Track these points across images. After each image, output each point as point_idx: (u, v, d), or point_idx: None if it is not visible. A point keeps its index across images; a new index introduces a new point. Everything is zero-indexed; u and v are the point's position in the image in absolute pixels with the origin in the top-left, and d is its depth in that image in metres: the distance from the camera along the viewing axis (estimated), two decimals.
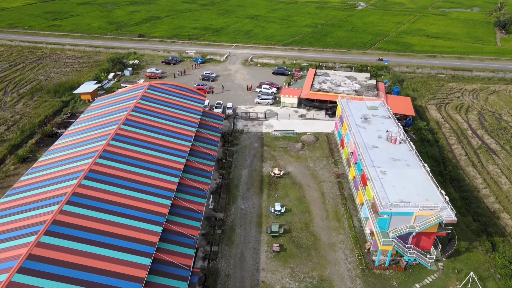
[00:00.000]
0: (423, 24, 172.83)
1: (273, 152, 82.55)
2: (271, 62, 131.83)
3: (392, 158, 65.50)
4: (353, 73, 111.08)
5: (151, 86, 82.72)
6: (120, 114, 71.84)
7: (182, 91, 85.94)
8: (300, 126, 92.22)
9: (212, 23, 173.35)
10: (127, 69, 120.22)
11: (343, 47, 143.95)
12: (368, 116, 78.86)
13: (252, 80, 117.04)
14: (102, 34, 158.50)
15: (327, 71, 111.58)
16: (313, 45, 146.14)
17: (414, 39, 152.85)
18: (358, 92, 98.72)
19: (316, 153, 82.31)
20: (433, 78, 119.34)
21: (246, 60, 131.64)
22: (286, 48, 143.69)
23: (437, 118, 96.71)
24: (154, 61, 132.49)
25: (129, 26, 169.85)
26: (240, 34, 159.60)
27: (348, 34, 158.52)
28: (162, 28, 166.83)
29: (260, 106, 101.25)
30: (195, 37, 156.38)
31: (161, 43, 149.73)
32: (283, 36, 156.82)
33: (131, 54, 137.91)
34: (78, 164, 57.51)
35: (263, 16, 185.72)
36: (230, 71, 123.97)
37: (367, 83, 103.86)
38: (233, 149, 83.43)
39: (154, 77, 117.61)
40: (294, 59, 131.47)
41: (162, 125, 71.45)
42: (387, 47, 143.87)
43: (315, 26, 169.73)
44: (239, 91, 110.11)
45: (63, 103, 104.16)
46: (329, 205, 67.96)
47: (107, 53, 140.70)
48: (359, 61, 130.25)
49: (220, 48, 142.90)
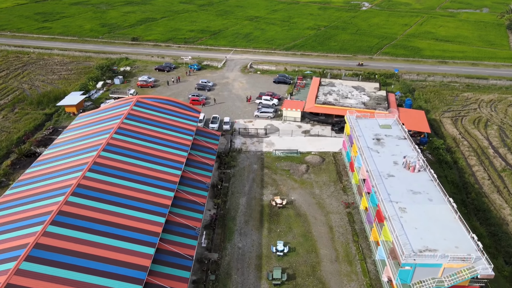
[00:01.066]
0: (432, 26, 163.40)
1: (275, 175, 73.66)
2: (271, 68, 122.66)
3: (412, 191, 56.61)
4: (361, 82, 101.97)
5: (138, 102, 73.70)
6: (101, 137, 62.95)
7: (174, 107, 76.92)
8: (304, 143, 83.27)
9: (209, 25, 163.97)
10: (118, 77, 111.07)
11: (348, 52, 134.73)
12: (381, 137, 69.86)
13: (252, 89, 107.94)
14: (94, 38, 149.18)
15: (332, 81, 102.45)
16: (316, 50, 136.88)
17: (423, 43, 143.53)
18: (367, 105, 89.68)
19: (323, 177, 73.38)
20: (446, 87, 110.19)
21: (245, 67, 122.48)
22: (287, 53, 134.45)
23: (453, 134, 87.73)
24: (147, 68, 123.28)
25: (122, 28, 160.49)
26: (239, 37, 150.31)
27: (353, 37, 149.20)
28: (157, 30, 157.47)
29: (260, 120, 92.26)
30: (192, 40, 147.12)
31: (155, 47, 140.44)
32: (284, 39, 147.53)
33: (123, 60, 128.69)
34: (43, 204, 49.13)
35: (263, 17, 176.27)
36: (228, 79, 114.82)
37: (377, 95, 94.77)
38: (230, 172, 74.52)
39: (146, 86, 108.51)
40: (297, 66, 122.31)
41: (148, 149, 62.56)
42: (395, 52, 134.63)
43: (317, 29, 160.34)
44: (237, 102, 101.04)
45: (46, 116, 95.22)
46: (339, 242, 59.13)
47: (97, 58, 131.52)
48: (365, 68, 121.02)
49: (218, 53, 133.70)
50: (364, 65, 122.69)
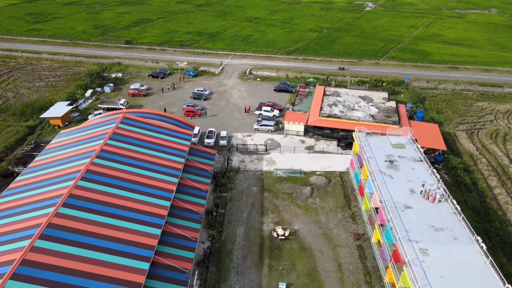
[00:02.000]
0: (439, 28, 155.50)
1: (276, 200, 66.24)
2: (272, 75, 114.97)
3: (433, 227, 49.19)
4: (368, 91, 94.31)
5: (125, 119, 66.13)
6: (80, 162, 55.50)
7: (164, 123, 69.38)
8: (307, 161, 75.76)
9: (207, 27, 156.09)
10: (108, 85, 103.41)
11: (353, 56, 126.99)
12: (394, 158, 62.38)
13: (251, 98, 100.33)
14: (86, 40, 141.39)
15: (337, 90, 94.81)
16: (319, 54, 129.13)
17: (431, 47, 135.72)
18: (375, 119, 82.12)
19: (329, 201, 65.95)
20: (458, 96, 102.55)
21: (244, 73, 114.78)
22: (289, 57, 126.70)
23: (470, 150, 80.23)
24: (140, 74, 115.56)
25: (116, 30, 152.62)
26: (238, 40, 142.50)
27: (357, 40, 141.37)
28: (153, 32, 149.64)
29: (259, 134, 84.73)
30: (188, 43, 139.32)
31: (149, 51, 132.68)
32: (285, 42, 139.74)
33: (115, 65, 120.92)
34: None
35: (263, 18, 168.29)
36: (226, 86, 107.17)
37: (386, 106, 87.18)
38: (226, 195, 67.08)
39: (138, 94, 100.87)
40: (299, 72, 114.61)
41: (133, 176, 55.10)
42: (402, 56, 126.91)
43: (320, 31, 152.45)
44: (235, 113, 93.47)
45: (29, 129, 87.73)
46: (349, 284, 51.78)
47: (88, 63, 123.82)
48: (372, 74, 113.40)
49: (215, 58, 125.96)
50: (365, 71, 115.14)
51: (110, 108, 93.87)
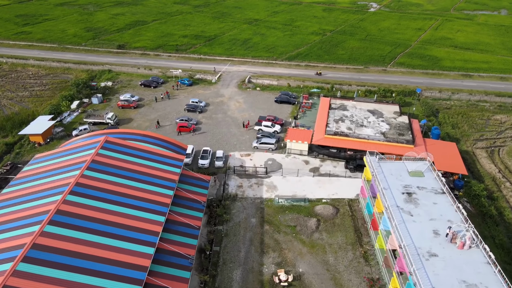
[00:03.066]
0: (448, 30, 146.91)
1: (277, 234, 58.24)
2: (273, 83, 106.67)
3: (465, 282, 41.22)
4: (377, 104, 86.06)
5: (107, 143, 57.97)
6: (50, 200, 47.47)
7: (152, 147, 61.25)
8: (312, 186, 67.68)
9: (205, 30, 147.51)
10: (96, 96, 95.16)
11: (359, 62, 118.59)
12: (412, 190, 54.32)
13: (250, 110, 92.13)
14: (76, 45, 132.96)
15: (344, 103, 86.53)
16: (322, 59, 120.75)
17: (441, 51, 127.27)
18: (387, 137, 73.92)
19: (337, 236, 57.94)
20: (474, 108, 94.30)
21: (243, 81, 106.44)
22: (290, 63, 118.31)
23: (492, 172, 72.10)
24: (131, 83, 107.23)
25: (109, 33, 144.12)
26: (236, 44, 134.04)
27: (362, 45, 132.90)
28: (147, 35, 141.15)
29: (259, 153, 76.56)
30: (184, 47, 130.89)
31: (143, 56, 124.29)
32: (287, 46, 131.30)
33: (105, 73, 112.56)
34: None
35: (263, 20, 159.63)
36: (223, 97, 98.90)
37: (398, 122, 78.97)
38: (222, 228, 59.09)
39: (128, 106, 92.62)
40: (301, 80, 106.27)
41: (112, 216, 47.06)
42: (411, 63, 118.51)
43: (323, 34, 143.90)
44: (233, 127, 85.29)
45: (7, 146, 79.61)
46: None
47: (77, 70, 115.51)
48: (380, 82, 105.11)
49: (212, 64, 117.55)
50: (372, 79, 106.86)
51: (97, 122, 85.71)
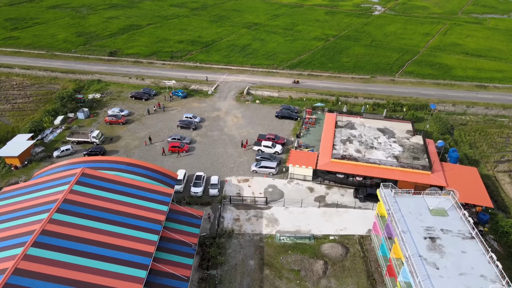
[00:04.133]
0: (457, 36, 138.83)
1: (279, 281, 50.41)
2: (273, 95, 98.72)
3: None
4: (388, 122, 78.10)
5: (83, 177, 50.08)
6: (8, 253, 39.65)
7: (136, 179, 53.45)
8: (318, 219, 59.86)
9: (202, 35, 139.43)
10: (82, 110, 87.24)
11: (364, 71, 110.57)
12: (436, 234, 46.48)
13: (248, 127, 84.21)
14: (65, 51, 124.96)
15: (351, 120, 78.55)
16: (325, 68, 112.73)
17: (451, 59, 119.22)
18: (401, 161, 66.00)
19: (348, 283, 50.11)
20: (492, 124, 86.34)
21: (241, 93, 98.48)
22: (292, 73, 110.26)
23: None
24: (121, 94, 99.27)
25: (101, 38, 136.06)
26: (235, 50, 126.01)
27: (368, 51, 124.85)
28: (141, 41, 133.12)
29: (258, 178, 68.65)
30: (180, 54, 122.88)
31: (135, 64, 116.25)
32: (288, 53, 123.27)
33: (94, 83, 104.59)
34: None
35: (263, 24, 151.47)
36: (220, 111, 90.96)
37: (411, 143, 71.02)
38: (215, 273, 51.29)
39: (116, 122, 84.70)
40: (304, 91, 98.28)
41: (79, 274, 39.21)
42: (420, 72, 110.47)
43: (326, 39, 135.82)
44: (229, 147, 77.40)
45: None
46: None
47: (64, 80, 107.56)
48: (389, 94, 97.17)
49: (209, 73, 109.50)
50: (380, 90, 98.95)
51: (81, 141, 77.80)
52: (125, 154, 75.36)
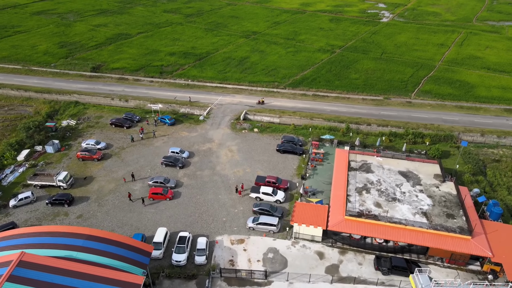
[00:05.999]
0: (475, 47, 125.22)
1: None
2: (274, 121, 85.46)
3: None
4: (410, 162, 64.77)
5: (19, 269, 36.86)
6: None
7: (96, 260, 40.19)
8: None
9: (195, 45, 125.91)
10: (52, 143, 73.94)
11: (376, 90, 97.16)
12: None
13: (245, 164, 70.92)
14: (44, 65, 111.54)
15: (367, 160, 65.23)
16: (332, 86, 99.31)
17: (472, 75, 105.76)
18: (431, 220, 52.74)
19: None
20: None
21: (238, 118, 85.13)
22: (295, 92, 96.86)
23: None
24: (100, 120, 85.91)
25: (85, 49, 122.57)
26: (231, 64, 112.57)
27: (378, 65, 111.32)
28: (129, 53, 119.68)
29: (256, 238, 55.46)
30: (170, 69, 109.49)
31: (119, 82, 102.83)
32: (290, 68, 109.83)
33: (71, 106, 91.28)
34: None
35: (262, 33, 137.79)
36: (212, 142, 77.65)
37: (442, 193, 57.70)
38: None
39: (90, 158, 71.39)
40: (309, 117, 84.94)
41: None
42: (439, 91, 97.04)
43: (331, 51, 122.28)
44: (222, 193, 64.13)
45: None
46: None
47: (39, 101, 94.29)
48: (406, 120, 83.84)
49: (202, 93, 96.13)
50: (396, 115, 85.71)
51: (45, 185, 64.60)
52: (96, 202, 62.17)
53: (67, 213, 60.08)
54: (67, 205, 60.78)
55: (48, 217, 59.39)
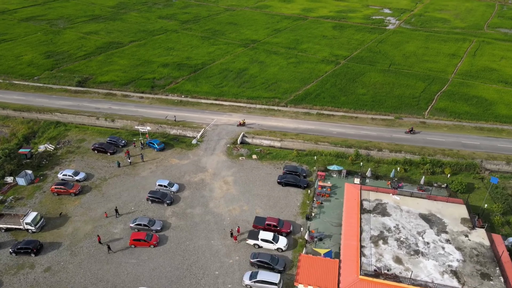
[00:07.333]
0: (489, 57, 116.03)
1: None
2: (275, 145, 76.38)
3: None
4: (433, 202, 55.65)
5: None
6: None
7: None
8: None
9: (190, 55, 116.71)
10: (24, 173, 64.83)
11: (386, 108, 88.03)
12: None
13: (242, 200, 61.80)
14: (27, 78, 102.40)
15: (381, 199, 56.10)
16: (338, 103, 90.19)
17: (489, 90, 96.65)
18: (464, 282, 43.66)
19: None
20: None
21: (234, 142, 75.97)
22: (297, 111, 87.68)
23: None
24: (82, 144, 76.74)
25: (73, 60, 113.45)
26: (228, 77, 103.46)
27: (387, 79, 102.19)
28: (119, 64, 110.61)
29: None
30: (163, 83, 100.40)
31: (107, 98, 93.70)
32: (292, 81, 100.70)
33: (51, 127, 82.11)
34: None
35: (262, 42, 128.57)
36: (205, 172, 68.47)
37: (473, 243, 48.57)
38: None
39: (67, 192, 62.26)
40: (313, 140, 75.79)
41: None
42: (455, 108, 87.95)
43: (336, 61, 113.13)
44: (215, 237, 55.00)
45: None
46: None
47: (17, 121, 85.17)
48: (421, 145, 74.63)
49: (196, 111, 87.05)
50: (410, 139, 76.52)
51: (11, 228, 55.50)
52: (69, 250, 53.08)
53: (33, 264, 51.01)
54: (34, 255, 51.77)
55: (11, 270, 50.33)
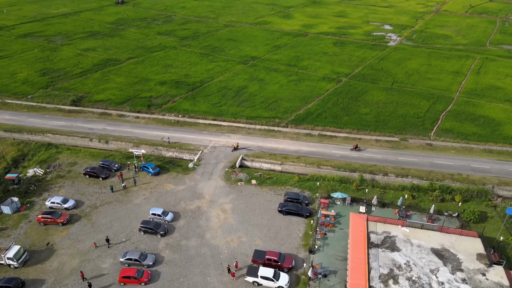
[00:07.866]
0: (494, 75, 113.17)
1: None
2: (275, 168, 72.64)
3: None
4: (443, 235, 51.66)
5: None
6: None
7: None
8: None
9: (189, 73, 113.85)
10: (9, 201, 60.94)
11: (390, 129, 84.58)
12: None
13: (241, 230, 57.78)
14: (20, 97, 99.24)
15: (390, 231, 52.18)
16: (340, 123, 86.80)
17: (495, 110, 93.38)
18: None
19: None
20: None
21: (233, 166, 72.23)
22: (298, 132, 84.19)
23: None
24: (74, 168, 72.96)
25: (69, 78, 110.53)
26: (227, 95, 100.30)
27: (390, 97, 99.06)
28: (116, 81, 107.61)
29: None
30: (160, 101, 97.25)
31: (101, 117, 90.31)
32: (292, 100, 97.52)
33: (42, 149, 78.39)
34: None
35: (262, 59, 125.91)
36: (202, 199, 64.58)
37: (490, 283, 44.41)
38: None
39: (54, 222, 58.25)
40: (315, 164, 72.06)
41: None
42: (462, 129, 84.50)
43: (337, 79, 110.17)
44: (211, 273, 50.80)
45: None
46: None
47: (6, 142, 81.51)
48: (429, 169, 70.92)
49: (193, 132, 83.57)
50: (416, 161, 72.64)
51: None
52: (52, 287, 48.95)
53: None
54: None
55: None
